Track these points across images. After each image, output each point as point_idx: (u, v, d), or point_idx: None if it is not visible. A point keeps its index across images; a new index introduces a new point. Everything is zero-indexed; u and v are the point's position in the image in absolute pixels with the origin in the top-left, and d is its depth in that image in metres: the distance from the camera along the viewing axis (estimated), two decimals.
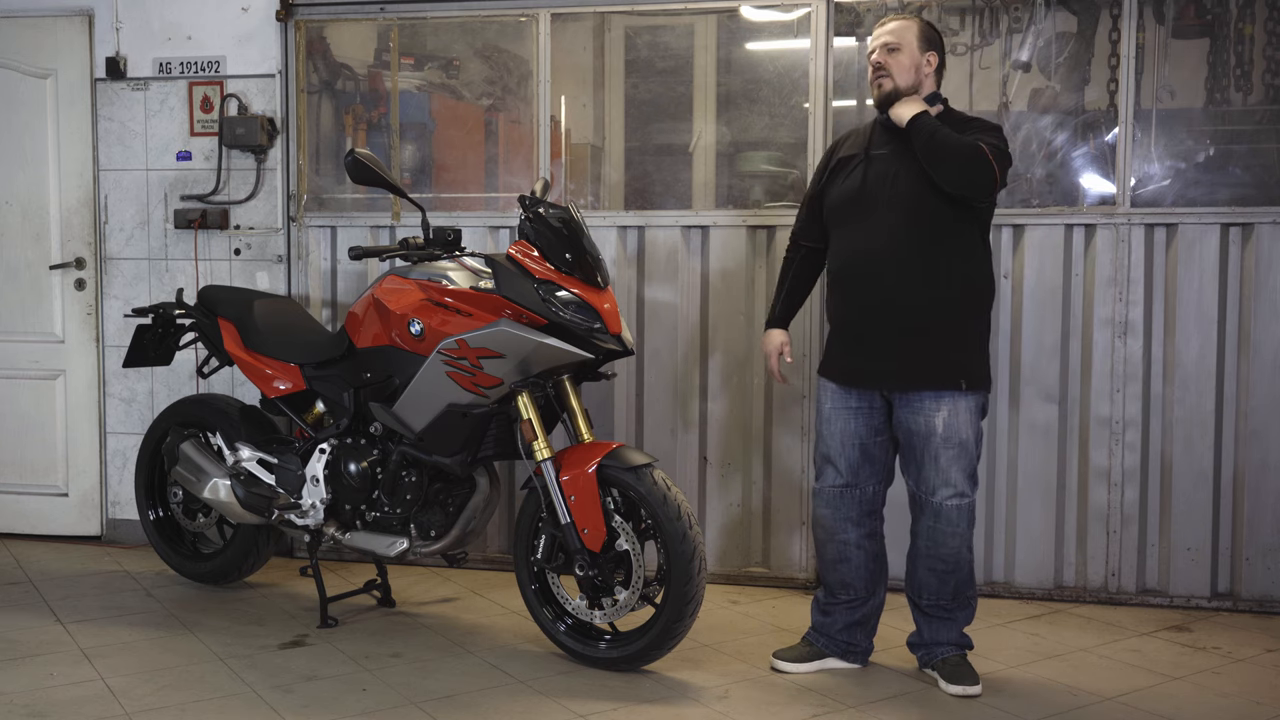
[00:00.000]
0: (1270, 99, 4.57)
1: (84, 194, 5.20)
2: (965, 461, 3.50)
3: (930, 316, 3.47)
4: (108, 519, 5.25)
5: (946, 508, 3.52)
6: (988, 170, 3.37)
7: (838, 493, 3.66)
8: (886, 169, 3.53)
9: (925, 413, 3.48)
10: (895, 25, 3.59)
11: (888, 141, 3.57)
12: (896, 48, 3.55)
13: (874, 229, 3.51)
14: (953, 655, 3.63)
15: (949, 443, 3.48)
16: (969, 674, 3.58)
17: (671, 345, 4.75)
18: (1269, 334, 4.35)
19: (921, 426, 3.50)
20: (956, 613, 3.64)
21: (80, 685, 3.56)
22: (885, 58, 3.55)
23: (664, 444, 4.73)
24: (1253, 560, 4.39)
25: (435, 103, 5.32)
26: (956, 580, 3.59)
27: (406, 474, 3.94)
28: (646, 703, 3.46)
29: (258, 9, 5.00)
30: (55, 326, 5.25)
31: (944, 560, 3.57)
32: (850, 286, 3.59)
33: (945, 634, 3.65)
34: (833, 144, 3.81)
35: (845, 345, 3.63)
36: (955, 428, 3.47)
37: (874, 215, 3.52)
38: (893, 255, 3.48)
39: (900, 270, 3.47)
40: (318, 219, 5.01)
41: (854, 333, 3.59)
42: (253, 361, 4.29)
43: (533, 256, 3.65)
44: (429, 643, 3.97)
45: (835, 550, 3.69)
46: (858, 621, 3.73)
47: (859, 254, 3.55)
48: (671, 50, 5.15)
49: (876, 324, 3.53)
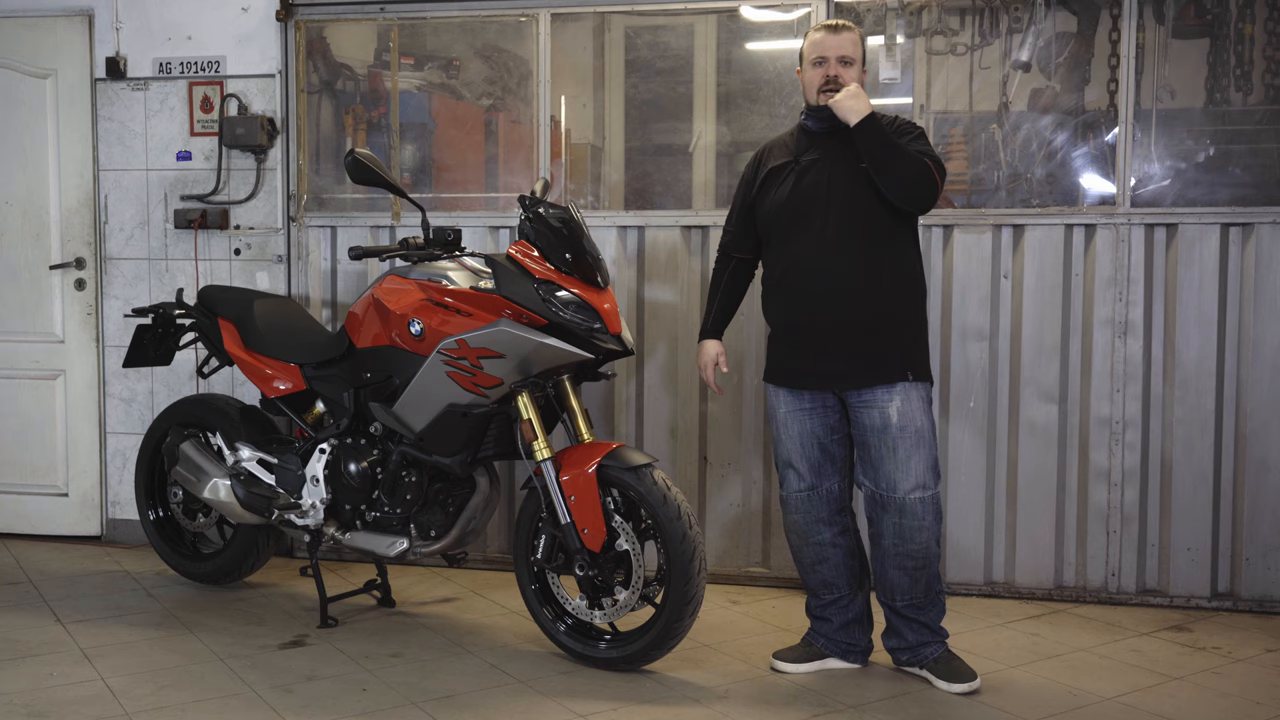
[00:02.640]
0: (1270, 99, 4.57)
1: (84, 194, 5.21)
2: (924, 452, 3.51)
3: (876, 315, 3.51)
4: (108, 519, 5.26)
5: (911, 502, 3.50)
6: (932, 188, 3.45)
7: (804, 496, 3.68)
8: (820, 175, 3.56)
9: (879, 405, 3.50)
10: (848, 38, 3.57)
11: (815, 146, 3.60)
12: (851, 62, 3.56)
13: (814, 235, 3.54)
14: (942, 653, 3.63)
15: (905, 431, 3.49)
16: (964, 670, 3.58)
17: (671, 345, 4.75)
18: (1269, 334, 4.35)
19: (877, 420, 3.51)
20: (929, 610, 3.62)
21: (80, 685, 3.56)
22: (840, 70, 3.55)
23: (664, 444, 4.73)
24: (1253, 560, 4.39)
25: (435, 103, 5.32)
26: (927, 576, 3.57)
27: (406, 474, 3.94)
28: (646, 703, 3.46)
29: (258, 9, 5.00)
30: (55, 326, 5.25)
31: (913, 557, 3.54)
32: (794, 292, 3.60)
33: (922, 633, 3.63)
34: (756, 156, 3.80)
35: (792, 349, 3.64)
36: (910, 415, 3.49)
37: (813, 221, 3.54)
38: (836, 258, 3.51)
39: (844, 273, 3.50)
40: (318, 219, 5.01)
41: (802, 336, 3.60)
42: (253, 361, 4.29)
43: (533, 256, 3.65)
44: (429, 643, 3.97)
45: (812, 553, 3.71)
46: (853, 620, 3.74)
47: (801, 259, 3.57)
48: (671, 50, 5.15)
49: (824, 326, 3.54)
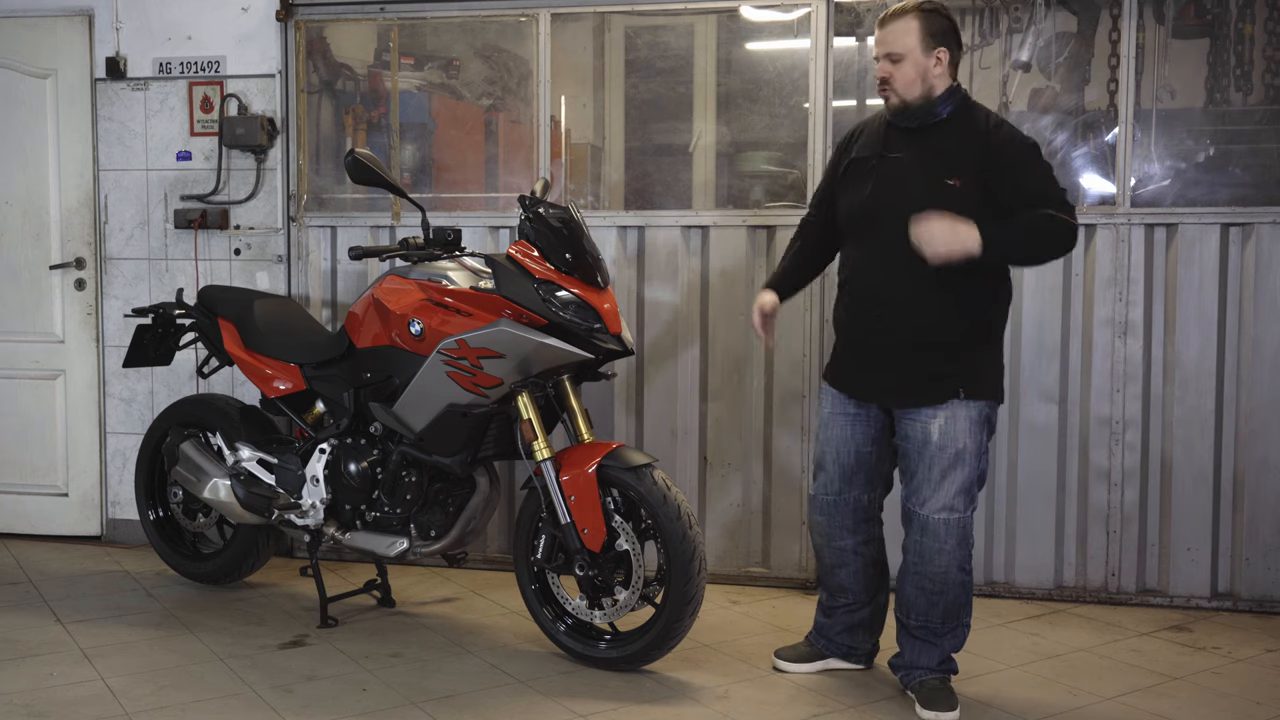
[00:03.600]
0: (1270, 99, 4.57)
1: (84, 194, 5.20)
2: (960, 474, 3.34)
3: (932, 333, 3.34)
4: (108, 519, 5.25)
5: (934, 521, 3.36)
6: (1072, 240, 3.26)
7: (830, 501, 3.60)
8: (897, 181, 3.36)
9: (922, 420, 3.36)
10: (895, 28, 3.31)
11: (899, 143, 3.40)
12: (899, 57, 3.30)
13: (881, 243, 3.37)
14: (931, 679, 3.44)
15: (944, 451, 3.34)
16: (946, 698, 3.39)
17: (671, 345, 4.75)
18: (1269, 334, 4.35)
19: (918, 434, 3.37)
20: (943, 638, 3.46)
21: (80, 685, 3.56)
22: (889, 70, 3.32)
23: (664, 444, 4.73)
24: (1253, 560, 4.39)
25: (435, 103, 5.32)
26: (945, 603, 3.41)
27: (406, 474, 3.94)
28: (646, 703, 3.46)
29: (258, 9, 5.00)
30: (55, 326, 5.25)
31: (931, 579, 3.39)
32: (856, 299, 3.48)
33: (926, 657, 3.47)
34: (845, 139, 3.62)
35: (848, 355, 3.54)
36: (952, 435, 3.33)
37: (882, 230, 3.35)
38: (898, 272, 3.33)
39: (907, 289, 3.33)
40: (318, 219, 5.01)
41: (857, 345, 3.49)
42: (253, 361, 4.29)
43: (533, 256, 3.65)
44: (429, 643, 3.97)
45: (832, 556, 3.65)
46: (858, 624, 3.70)
47: (867, 268, 3.44)
48: (671, 50, 5.15)
49: (878, 341, 3.42)
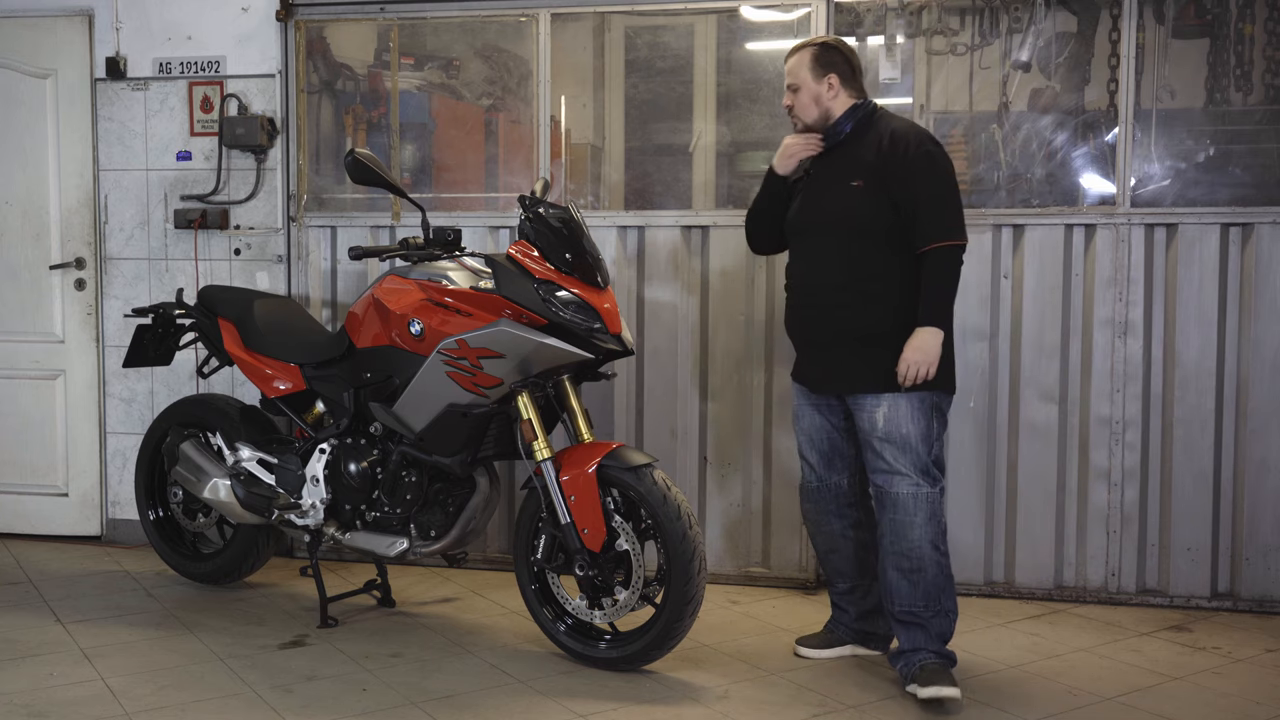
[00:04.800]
0: (1270, 99, 4.57)
1: (84, 194, 5.20)
2: (909, 457, 3.50)
3: (865, 328, 3.55)
4: (108, 519, 5.25)
5: (901, 496, 3.50)
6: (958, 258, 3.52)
7: (815, 488, 3.80)
8: (816, 194, 3.66)
9: (867, 409, 3.56)
10: (792, 62, 3.67)
11: (821, 158, 3.68)
12: (796, 87, 3.66)
13: (810, 249, 3.68)
14: (931, 661, 3.48)
15: (890, 438, 3.51)
16: (947, 677, 3.43)
17: (671, 345, 4.75)
18: (1269, 334, 4.35)
19: (865, 423, 3.58)
20: (932, 622, 3.50)
21: (80, 685, 3.56)
22: (790, 99, 3.68)
23: (664, 444, 4.72)
24: (1253, 560, 4.38)
25: (435, 103, 5.32)
26: (925, 583, 3.48)
27: (406, 474, 3.94)
28: (646, 703, 3.46)
29: (258, 9, 5.00)
30: (55, 326, 5.25)
31: (906, 556, 3.49)
32: (795, 301, 3.75)
33: (921, 639, 3.51)
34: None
35: (801, 353, 3.79)
36: (897, 422, 3.51)
37: (809, 235, 3.68)
38: (828, 274, 3.60)
39: (835, 289, 3.58)
40: (318, 219, 5.01)
41: (803, 343, 3.76)
42: (253, 361, 4.29)
43: (533, 256, 3.65)
44: (429, 643, 3.97)
45: (825, 541, 3.83)
46: (871, 610, 3.81)
47: (800, 273, 3.72)
48: (671, 50, 5.15)
49: (817, 337, 3.67)
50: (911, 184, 3.48)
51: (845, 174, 3.57)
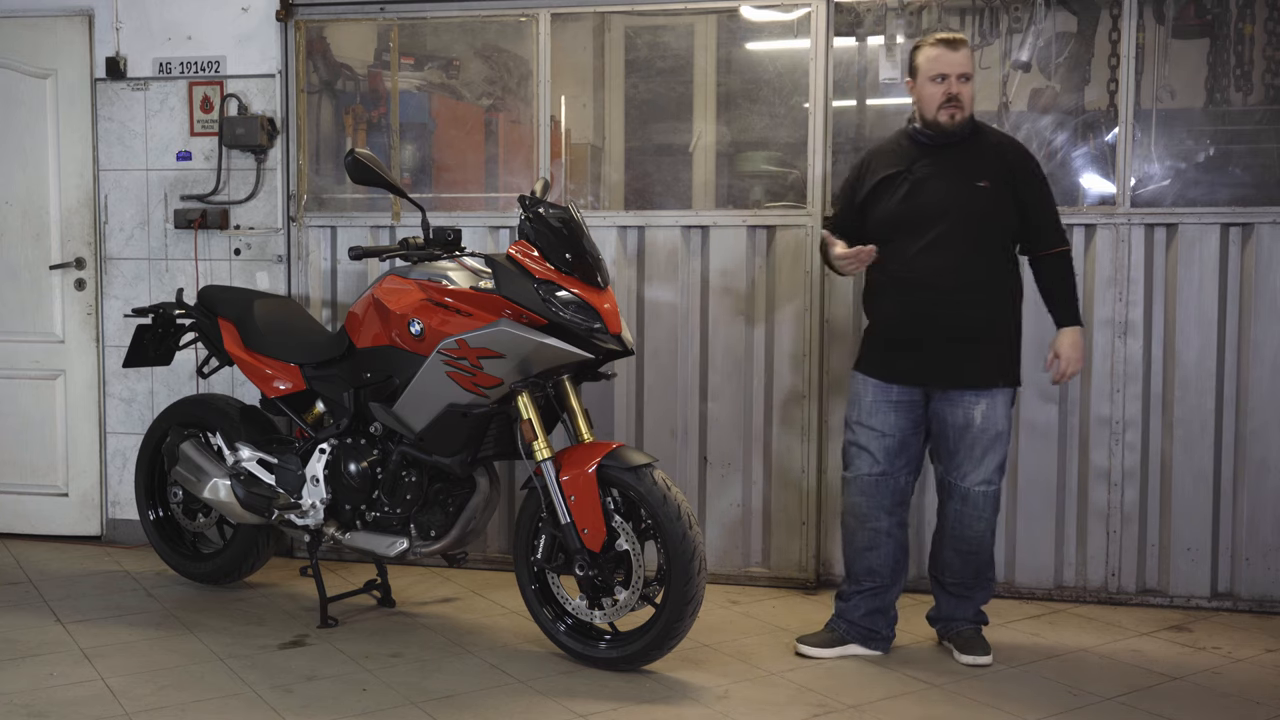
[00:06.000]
0: (1270, 99, 4.57)
1: (84, 194, 5.20)
2: (999, 452, 3.74)
3: (977, 323, 3.68)
4: (108, 519, 5.25)
5: (975, 494, 3.75)
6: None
7: (873, 481, 3.81)
8: (936, 188, 3.69)
9: (965, 406, 3.71)
10: (962, 55, 3.69)
11: (927, 157, 3.73)
12: (970, 77, 3.70)
13: (927, 243, 3.68)
14: (966, 629, 3.87)
15: (985, 434, 3.71)
16: (981, 645, 3.82)
17: (671, 345, 4.75)
18: (1269, 334, 4.35)
19: (960, 419, 3.72)
20: (976, 591, 3.89)
21: (80, 685, 3.56)
22: (961, 89, 3.68)
23: (664, 444, 4.72)
24: (1253, 560, 4.39)
25: (435, 103, 5.32)
26: (978, 563, 3.84)
27: (406, 474, 3.94)
28: (646, 703, 3.46)
29: (258, 9, 5.00)
30: (55, 326, 5.25)
31: (968, 542, 3.80)
32: (903, 293, 3.73)
33: (963, 610, 3.89)
34: (861, 162, 3.89)
35: (894, 345, 3.77)
36: (993, 420, 3.71)
37: (926, 231, 3.68)
38: (946, 268, 3.65)
39: (952, 282, 3.65)
40: (318, 219, 5.01)
41: (907, 336, 3.74)
42: (253, 361, 4.29)
43: (533, 256, 3.65)
44: (429, 643, 3.97)
45: (867, 538, 3.84)
46: (879, 609, 3.86)
47: (913, 264, 3.70)
48: (671, 50, 5.15)
49: (928, 329, 3.69)
50: (1035, 190, 3.73)
51: (968, 174, 3.68)
